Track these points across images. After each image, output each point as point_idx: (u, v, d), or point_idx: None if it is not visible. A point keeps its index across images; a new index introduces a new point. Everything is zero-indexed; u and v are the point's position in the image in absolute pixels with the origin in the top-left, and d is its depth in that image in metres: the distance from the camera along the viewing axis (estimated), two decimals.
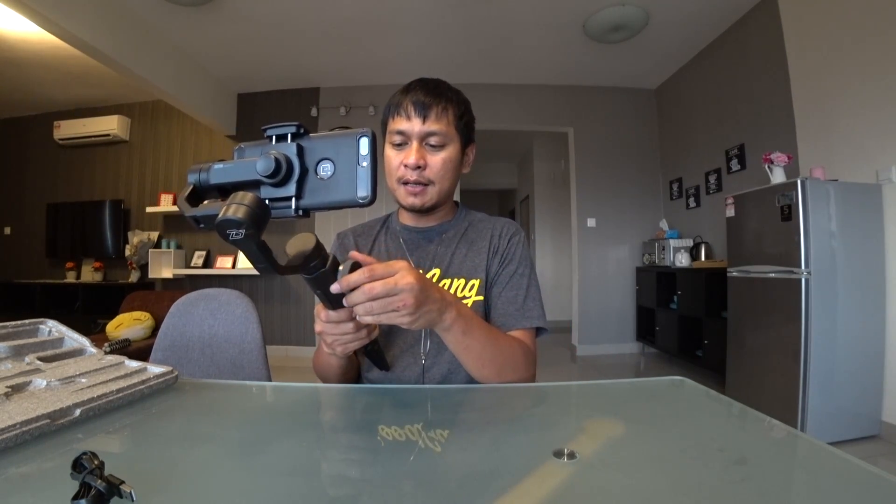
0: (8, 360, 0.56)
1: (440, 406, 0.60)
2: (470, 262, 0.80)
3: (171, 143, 4.45)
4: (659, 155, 4.27)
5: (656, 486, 0.36)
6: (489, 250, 0.80)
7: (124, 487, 0.28)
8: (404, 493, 0.36)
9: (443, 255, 0.81)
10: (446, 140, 0.75)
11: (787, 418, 2.00)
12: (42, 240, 4.55)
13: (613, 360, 3.95)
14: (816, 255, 2.01)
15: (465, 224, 0.85)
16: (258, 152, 0.40)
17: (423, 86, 0.76)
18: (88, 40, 2.58)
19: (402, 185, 0.76)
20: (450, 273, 0.79)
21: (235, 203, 0.36)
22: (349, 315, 0.54)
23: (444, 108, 0.74)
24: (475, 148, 0.85)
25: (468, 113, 0.80)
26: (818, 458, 0.42)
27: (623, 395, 0.65)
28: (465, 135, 0.79)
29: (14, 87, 4.11)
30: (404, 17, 3.14)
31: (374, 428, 0.52)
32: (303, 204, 0.40)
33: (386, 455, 0.43)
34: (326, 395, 0.68)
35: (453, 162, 0.77)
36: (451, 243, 0.82)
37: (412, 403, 0.61)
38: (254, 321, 0.96)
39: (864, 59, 2.19)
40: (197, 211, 0.39)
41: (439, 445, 0.46)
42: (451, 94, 0.77)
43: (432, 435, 0.48)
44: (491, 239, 0.82)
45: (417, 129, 0.73)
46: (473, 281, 0.78)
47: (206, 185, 0.41)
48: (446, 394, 0.65)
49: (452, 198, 0.86)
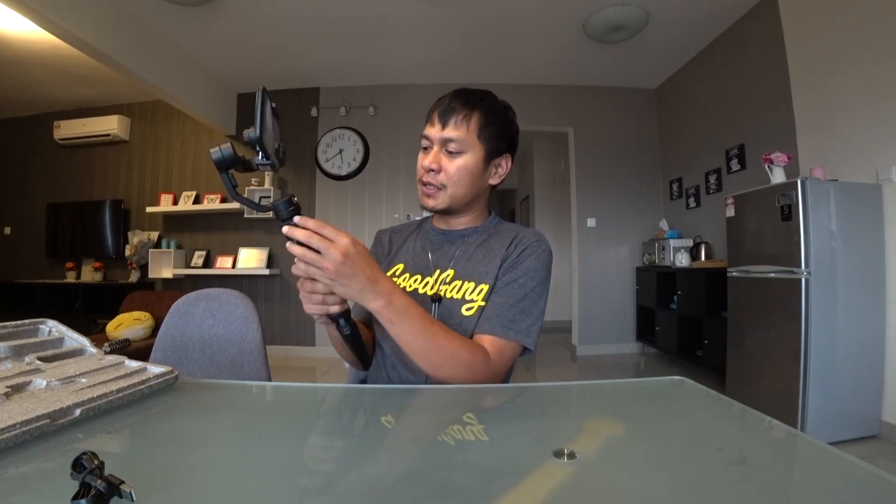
0: (8, 360, 0.56)
1: (440, 406, 0.60)
2: (484, 267, 0.80)
3: (171, 143, 4.45)
4: (659, 155, 4.27)
5: (656, 486, 0.36)
6: (503, 258, 0.80)
7: (124, 487, 0.28)
8: (404, 493, 0.36)
9: (460, 257, 0.83)
10: (464, 147, 0.77)
11: (787, 418, 2.00)
12: (42, 240, 4.55)
13: (613, 360, 3.95)
14: (816, 255, 2.01)
15: (490, 231, 0.86)
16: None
17: (457, 95, 0.78)
18: (88, 40, 2.58)
19: (421, 186, 0.81)
20: (462, 275, 0.80)
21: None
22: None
23: (467, 116, 0.76)
24: (510, 159, 0.84)
25: (499, 122, 0.79)
26: (818, 458, 0.42)
27: (623, 395, 0.65)
28: (492, 144, 0.79)
29: (14, 87, 4.11)
30: (404, 16, 3.14)
31: (373, 428, 0.52)
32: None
33: (385, 455, 0.43)
34: (326, 395, 0.68)
35: (469, 170, 0.78)
36: (470, 247, 0.84)
37: (412, 403, 0.61)
38: (254, 321, 0.96)
39: (864, 58, 2.19)
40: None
41: (439, 445, 0.46)
42: (481, 103, 0.78)
43: (432, 435, 0.48)
44: (508, 247, 0.81)
45: (437, 134, 0.77)
46: (483, 286, 0.78)
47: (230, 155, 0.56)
48: (446, 394, 0.65)
49: (476, 204, 0.86)
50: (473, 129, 0.77)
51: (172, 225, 4.37)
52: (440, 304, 0.79)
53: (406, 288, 0.82)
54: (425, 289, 0.81)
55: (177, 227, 4.36)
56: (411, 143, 4.09)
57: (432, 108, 0.79)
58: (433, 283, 0.82)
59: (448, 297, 0.79)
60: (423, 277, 0.83)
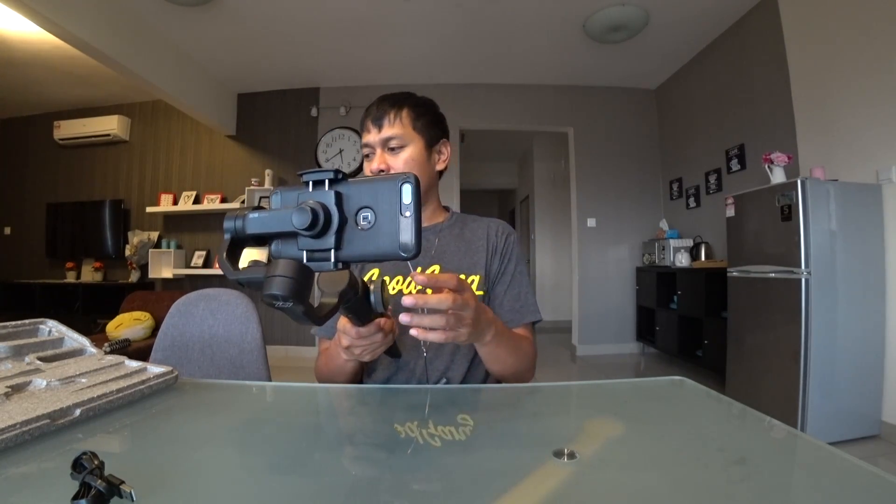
0: (8, 360, 0.56)
1: (440, 406, 0.60)
2: (468, 259, 0.84)
3: (171, 143, 4.45)
4: (659, 155, 4.27)
5: (656, 486, 0.36)
6: (488, 249, 0.85)
7: (124, 487, 0.28)
8: (404, 493, 0.36)
9: (441, 253, 0.84)
10: (405, 141, 0.80)
11: (787, 418, 2.00)
12: (42, 240, 4.54)
13: (613, 360, 3.95)
14: (816, 255, 2.01)
15: (459, 225, 0.90)
16: (294, 198, 0.39)
17: (383, 100, 0.82)
18: (88, 40, 2.58)
19: None
20: (450, 268, 0.82)
21: (279, 276, 0.35)
22: (378, 327, 0.58)
23: (398, 113, 0.80)
24: (448, 144, 0.88)
25: (430, 113, 0.85)
26: (818, 458, 0.42)
27: (623, 395, 0.65)
28: (428, 133, 0.83)
29: (14, 87, 4.11)
30: (404, 16, 3.14)
31: (373, 428, 0.52)
32: (342, 256, 0.38)
33: (386, 455, 0.43)
34: (326, 395, 0.68)
35: (416, 160, 0.81)
36: (449, 241, 0.86)
37: (412, 403, 0.61)
38: (254, 321, 0.96)
39: (864, 58, 2.19)
40: (241, 275, 0.39)
41: (439, 445, 0.46)
42: (407, 100, 0.82)
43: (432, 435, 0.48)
44: (488, 238, 0.86)
45: (376, 137, 0.80)
46: (473, 277, 0.82)
47: (243, 234, 0.39)
48: (446, 394, 0.65)
49: (432, 195, 0.89)
50: (408, 123, 0.80)
51: (172, 225, 4.37)
52: None
53: (390, 290, 0.82)
54: (410, 288, 0.81)
55: (177, 227, 4.36)
56: None
57: (363, 120, 0.82)
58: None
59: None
60: (405, 278, 0.82)
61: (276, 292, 0.35)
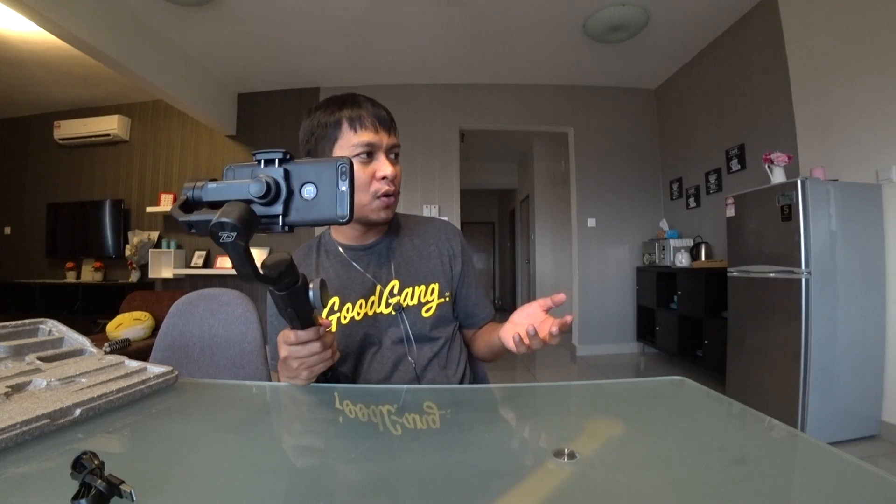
0: (8, 359, 0.56)
1: (440, 406, 0.60)
2: (424, 268, 0.83)
3: (171, 143, 4.45)
4: (659, 155, 4.27)
5: (656, 486, 0.36)
6: (443, 255, 0.85)
7: (124, 487, 0.28)
8: (404, 493, 0.36)
9: (397, 267, 0.81)
10: (400, 153, 0.79)
11: (787, 418, 2.00)
12: (42, 240, 4.54)
13: (613, 360, 3.95)
14: (816, 255, 2.01)
15: (403, 232, 0.86)
16: (248, 173, 0.44)
17: (371, 101, 0.76)
18: (88, 40, 2.58)
19: (377, 199, 0.74)
20: (409, 282, 0.81)
21: (229, 208, 0.40)
22: (317, 334, 0.57)
23: (394, 122, 0.78)
24: None
25: None
26: (818, 458, 0.42)
27: (623, 395, 0.65)
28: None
29: (14, 87, 4.11)
30: (404, 17, 3.14)
31: (373, 428, 0.52)
32: (289, 221, 0.44)
33: (385, 455, 0.43)
34: (326, 395, 0.68)
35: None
36: (400, 254, 0.83)
37: (412, 404, 0.61)
38: (254, 321, 0.96)
39: (864, 58, 2.19)
40: (191, 217, 0.43)
41: (439, 445, 0.46)
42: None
43: (432, 435, 0.48)
44: (439, 243, 0.86)
45: (386, 141, 0.74)
46: (433, 285, 0.81)
47: (199, 201, 0.45)
48: (446, 393, 0.65)
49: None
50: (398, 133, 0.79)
51: (173, 225, 4.36)
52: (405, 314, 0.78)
53: (355, 317, 0.77)
54: (379, 309, 0.78)
55: (177, 227, 4.35)
56: (411, 143, 4.09)
57: (355, 116, 0.73)
58: (380, 301, 0.79)
59: (406, 306, 0.79)
60: (368, 299, 0.79)
61: (224, 220, 0.39)
